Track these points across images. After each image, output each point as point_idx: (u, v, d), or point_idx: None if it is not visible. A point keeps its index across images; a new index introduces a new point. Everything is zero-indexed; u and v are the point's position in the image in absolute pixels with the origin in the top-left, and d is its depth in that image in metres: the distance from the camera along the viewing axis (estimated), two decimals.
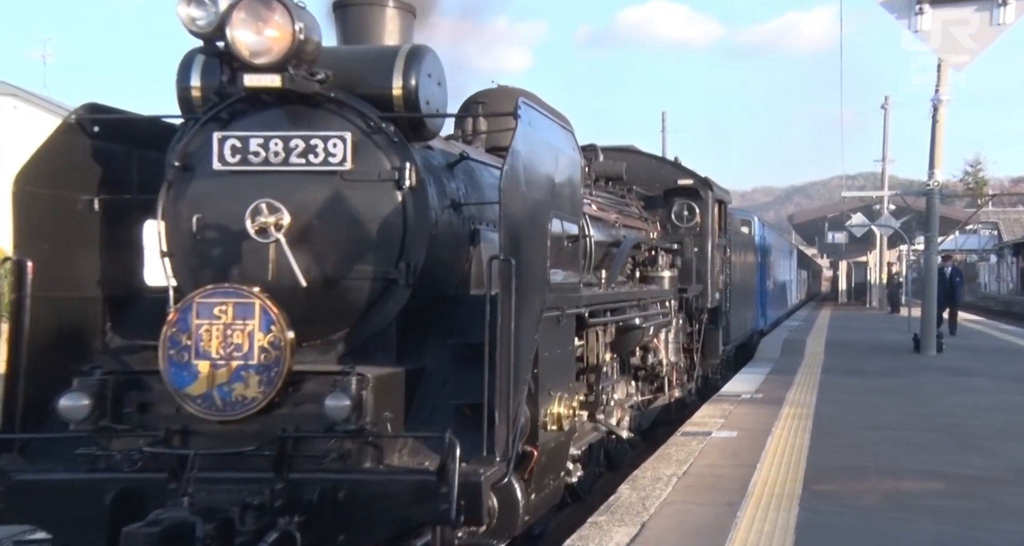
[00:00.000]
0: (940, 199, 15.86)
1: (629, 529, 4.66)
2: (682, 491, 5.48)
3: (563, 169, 4.90)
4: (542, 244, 4.43)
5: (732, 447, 6.88)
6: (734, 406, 8.96)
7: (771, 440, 7.08)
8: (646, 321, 7.14)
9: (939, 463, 6.34)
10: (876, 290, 34.77)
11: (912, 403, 9.30)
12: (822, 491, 5.46)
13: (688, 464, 6.22)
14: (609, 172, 8.99)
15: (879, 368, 12.61)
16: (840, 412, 8.55)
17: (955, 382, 11.09)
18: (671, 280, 8.68)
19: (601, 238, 7.12)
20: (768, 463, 6.25)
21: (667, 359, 8.59)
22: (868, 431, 7.56)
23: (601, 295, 6.07)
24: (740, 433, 7.43)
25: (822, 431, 7.46)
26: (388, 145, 4.42)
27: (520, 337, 3.97)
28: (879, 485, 5.65)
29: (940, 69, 14.69)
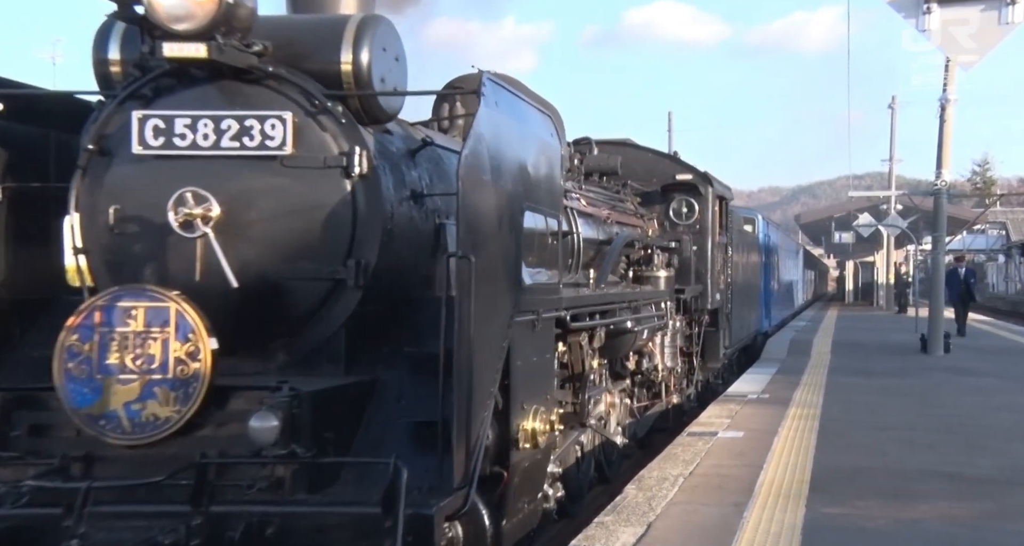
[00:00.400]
0: (948, 199, 15.63)
1: (635, 529, 4.58)
2: (688, 491, 5.39)
3: (539, 157, 4.37)
4: (512, 240, 3.93)
5: (739, 447, 6.78)
6: (740, 406, 8.83)
7: (778, 440, 6.96)
8: (639, 324, 6.67)
9: (947, 464, 6.22)
10: (883, 290, 34.73)
11: (920, 404, 9.12)
12: (829, 491, 5.38)
13: (694, 464, 6.12)
14: (603, 166, 8.57)
15: (886, 368, 12.41)
16: (847, 412, 8.40)
17: (963, 382, 10.88)
18: (667, 280, 8.23)
19: (591, 235, 6.76)
20: (775, 463, 6.14)
21: (663, 364, 8.20)
22: (875, 431, 7.42)
23: (586, 297, 5.58)
24: (747, 433, 7.31)
25: (829, 431, 7.34)
26: (335, 127, 3.86)
27: (483, 345, 3.46)
28: (887, 486, 5.55)
29: (948, 68, 14.63)
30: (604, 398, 6.62)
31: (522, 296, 4.00)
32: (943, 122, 14.76)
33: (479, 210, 3.56)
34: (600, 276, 6.55)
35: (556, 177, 4.75)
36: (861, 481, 5.71)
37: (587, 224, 6.71)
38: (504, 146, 3.87)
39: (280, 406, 3.28)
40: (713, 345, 10.52)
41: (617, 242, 7.22)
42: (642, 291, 7.38)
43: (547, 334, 4.58)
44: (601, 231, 7.15)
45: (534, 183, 4.29)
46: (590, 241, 6.70)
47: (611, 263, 6.93)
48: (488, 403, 3.61)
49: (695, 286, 9.49)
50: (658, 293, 7.87)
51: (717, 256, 10.17)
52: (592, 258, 6.73)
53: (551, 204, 4.66)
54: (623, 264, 7.97)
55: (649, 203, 9.65)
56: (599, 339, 6.09)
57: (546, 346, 4.57)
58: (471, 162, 3.45)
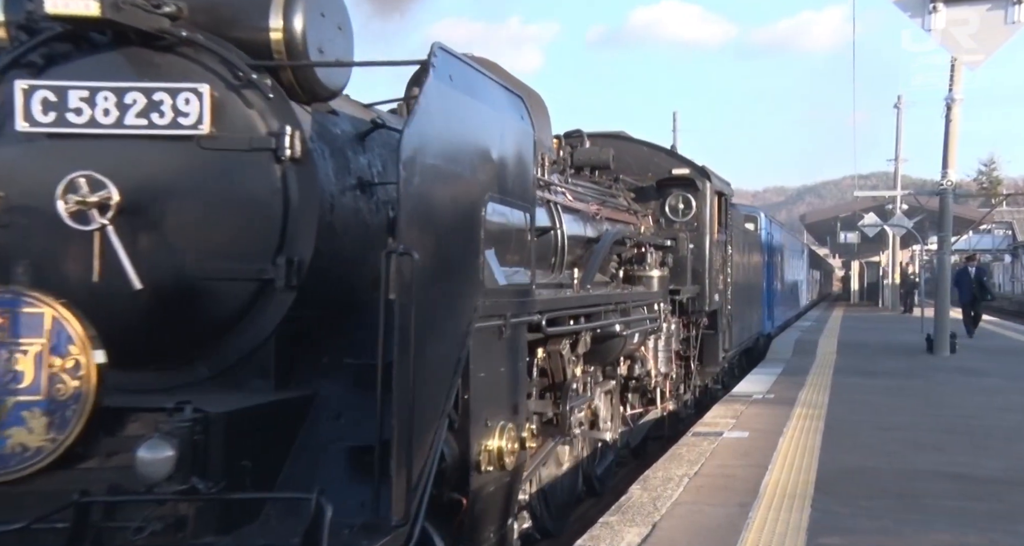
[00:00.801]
0: (954, 199, 15.56)
1: (640, 529, 4.50)
2: (693, 491, 5.31)
3: (506, 142, 3.83)
4: (470, 235, 3.41)
5: (744, 447, 6.66)
6: (746, 406, 8.68)
7: (783, 440, 6.84)
8: (628, 328, 6.18)
9: (954, 464, 6.09)
10: (889, 290, 34.64)
11: (925, 404, 8.94)
12: (835, 492, 5.29)
13: (699, 464, 6.02)
14: (594, 160, 8.10)
15: (892, 369, 12.12)
16: (853, 413, 8.23)
17: (969, 383, 10.67)
18: (661, 280, 7.73)
19: (577, 232, 6.32)
20: (780, 464, 6.03)
21: (657, 369, 7.76)
22: (881, 432, 7.27)
23: (565, 299, 5.09)
24: (752, 433, 7.18)
25: (834, 432, 7.19)
26: (263, 104, 3.29)
27: (432, 356, 2.97)
28: (892, 486, 5.44)
29: (954, 68, 14.58)
30: (593, 406, 6.22)
31: (485, 299, 3.48)
32: (949, 122, 14.63)
33: (426, 199, 3.00)
34: (586, 276, 6.05)
35: (527, 165, 4.18)
36: (867, 481, 5.59)
37: (573, 220, 6.29)
38: (460, 127, 3.33)
39: (178, 432, 2.70)
40: (712, 348, 9.97)
41: (605, 239, 6.76)
42: (633, 292, 6.86)
43: (518, 340, 4.06)
44: (589, 228, 6.72)
45: (500, 171, 3.76)
46: (576, 238, 6.29)
47: (598, 262, 6.46)
48: (439, 423, 3.08)
49: (692, 286, 8.97)
50: (650, 294, 7.36)
51: (716, 255, 9.62)
52: (579, 257, 6.32)
53: (522, 195, 4.10)
54: (614, 263, 7.56)
55: (644, 199, 9.13)
56: (584, 344, 5.63)
57: (517, 354, 4.04)
58: (415, 142, 2.92)
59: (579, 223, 6.52)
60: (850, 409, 8.56)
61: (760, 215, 17.46)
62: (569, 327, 5.23)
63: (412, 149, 2.92)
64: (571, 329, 5.27)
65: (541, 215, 5.47)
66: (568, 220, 6.15)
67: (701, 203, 9.20)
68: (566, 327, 5.16)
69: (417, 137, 2.95)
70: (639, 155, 9.42)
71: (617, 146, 8.88)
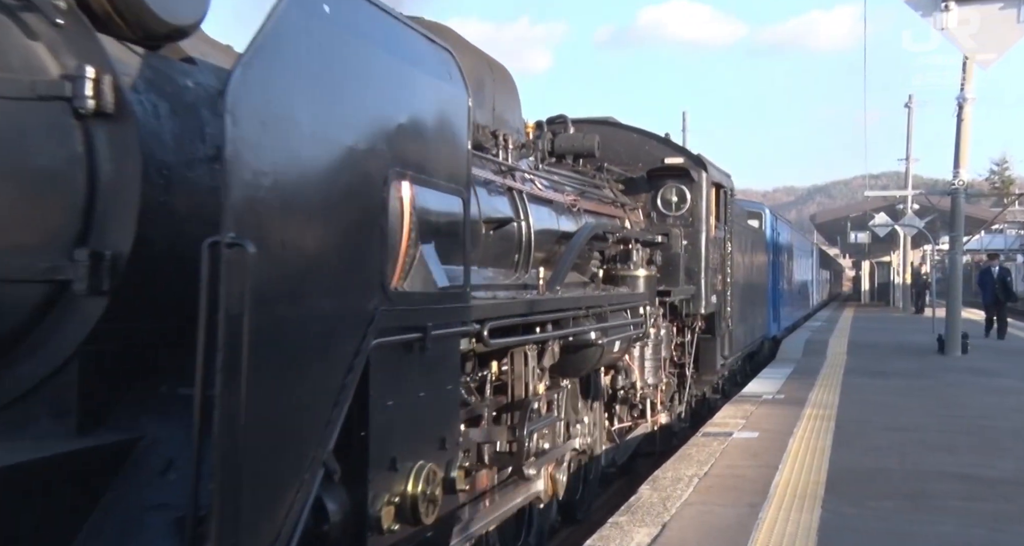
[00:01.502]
0: (966, 198, 15.50)
1: (650, 530, 4.45)
2: (703, 492, 5.25)
3: (423, 105, 2.99)
4: (362, 223, 2.54)
5: (754, 448, 6.56)
6: (756, 407, 8.53)
7: (793, 441, 6.72)
8: (606, 335, 5.42)
9: (964, 465, 5.99)
10: (900, 290, 34.47)
11: (937, 404, 8.76)
12: (845, 492, 5.22)
13: (709, 465, 5.94)
14: (577, 147, 7.49)
15: (903, 369, 11.88)
16: (863, 413, 8.08)
17: (981, 383, 10.45)
18: (647, 280, 6.92)
19: (548, 226, 5.66)
20: (790, 464, 5.93)
21: (642, 380, 7.03)
22: (892, 432, 7.14)
23: (513, 303, 4.25)
24: (762, 434, 7.07)
25: (845, 432, 7.06)
26: (53, 34, 2.35)
27: (295, 383, 2.16)
28: (903, 487, 5.35)
29: (965, 67, 14.50)
30: (561, 426, 5.51)
31: (391, 306, 2.67)
32: (960, 121, 14.45)
33: (273, 169, 2.11)
34: (555, 276, 5.30)
35: (458, 138, 3.35)
36: (878, 482, 5.50)
37: (543, 211, 5.62)
38: (339, 76, 2.44)
39: None
40: (709, 355, 9.10)
41: (580, 234, 5.98)
42: (613, 294, 6.08)
43: (447, 357, 3.27)
44: (564, 221, 6.02)
45: (414, 143, 2.89)
46: (546, 232, 5.61)
47: (571, 260, 5.68)
48: (306, 474, 2.23)
49: (685, 287, 8.16)
50: (635, 296, 6.51)
51: (713, 252, 8.73)
52: (552, 254, 5.67)
53: (452, 176, 3.26)
54: (595, 261, 6.82)
55: (634, 191, 8.31)
56: (552, 355, 4.88)
57: (445, 373, 3.24)
58: (256, 87, 2.04)
59: (551, 215, 5.83)
60: (861, 409, 8.49)
61: (765, 211, 16.49)
62: (518, 338, 4.30)
63: (249, 94, 2.01)
64: (520, 340, 4.35)
65: (501, 204, 4.97)
66: (537, 211, 5.45)
67: (696, 195, 8.35)
68: (515, 338, 4.25)
69: (260, 81, 2.06)
70: (629, 143, 8.58)
71: (604, 133, 8.18)
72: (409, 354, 2.96)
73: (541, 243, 5.51)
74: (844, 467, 5.96)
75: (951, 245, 15.50)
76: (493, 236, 4.77)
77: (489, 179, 4.84)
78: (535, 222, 5.39)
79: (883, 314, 29.95)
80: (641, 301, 6.59)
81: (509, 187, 5.19)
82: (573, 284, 6.09)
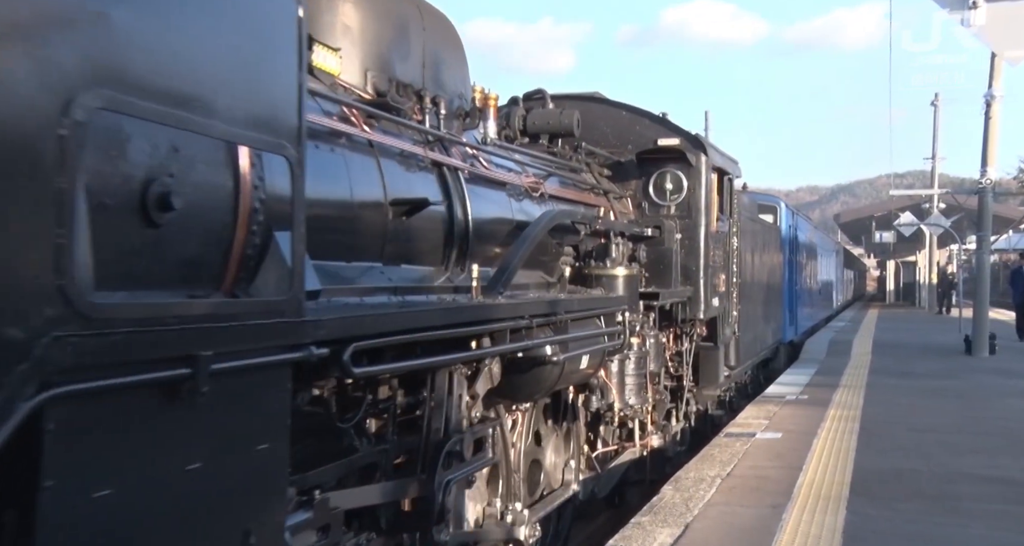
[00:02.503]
0: (993, 197, 15.34)
1: (672, 530, 4.46)
2: (726, 492, 5.26)
3: (202, 8, 2.00)
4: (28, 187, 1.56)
5: (777, 449, 6.55)
6: (779, 407, 8.50)
7: (817, 442, 6.71)
8: (567, 349, 4.45)
9: (992, 467, 5.94)
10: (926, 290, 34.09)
11: (964, 406, 8.73)
12: (870, 494, 5.20)
13: (732, 465, 5.94)
14: (554, 125, 6.60)
15: (929, 370, 11.89)
16: (888, 414, 8.06)
17: (1008, 385, 10.38)
18: (628, 280, 5.95)
19: (497, 213, 4.79)
20: (814, 465, 5.93)
21: (622, 400, 5.94)
22: (918, 433, 7.14)
23: (386, 315, 3.05)
24: (785, 435, 7.06)
25: (870, 433, 7.06)
26: None
27: None
28: (930, 489, 5.34)
29: (993, 64, 14.32)
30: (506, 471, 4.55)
31: (89, 331, 1.68)
32: (988, 119, 14.34)
33: None
34: (497, 276, 4.28)
35: (271, 63, 2.26)
36: (903, 484, 5.49)
37: (491, 196, 4.78)
38: None
39: None
40: (710, 366, 8.06)
41: (537, 224, 4.92)
42: (576, 298, 5.02)
43: (256, 401, 2.22)
44: (524, 208, 5.16)
45: (169, 63, 1.90)
46: (495, 222, 4.73)
47: (521, 255, 4.55)
48: None
49: (680, 288, 7.20)
50: (608, 300, 5.45)
51: (714, 249, 7.72)
52: (505, 247, 4.79)
53: (267, 124, 2.22)
54: (567, 258, 5.88)
55: (622, 177, 7.34)
56: (489, 378, 4.00)
57: (251, 428, 2.19)
58: None
59: (503, 201, 4.94)
60: (886, 410, 8.42)
61: (780, 205, 15.16)
62: (391, 366, 3.15)
63: None
64: (391, 368, 3.18)
65: (421, 183, 4.03)
66: (480, 195, 4.55)
67: (694, 182, 7.35)
68: (388, 366, 3.12)
69: None
70: (617, 122, 7.59)
71: (588, 110, 7.31)
72: (152, 405, 1.88)
73: (486, 234, 4.56)
74: (869, 468, 5.91)
75: (978, 244, 15.32)
76: (406, 223, 3.79)
77: (406, 151, 3.97)
78: (476, 208, 4.39)
79: (909, 314, 29.65)
80: (618, 306, 5.50)
81: (438, 163, 4.25)
82: (533, 285, 5.21)
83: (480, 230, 4.48)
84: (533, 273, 5.38)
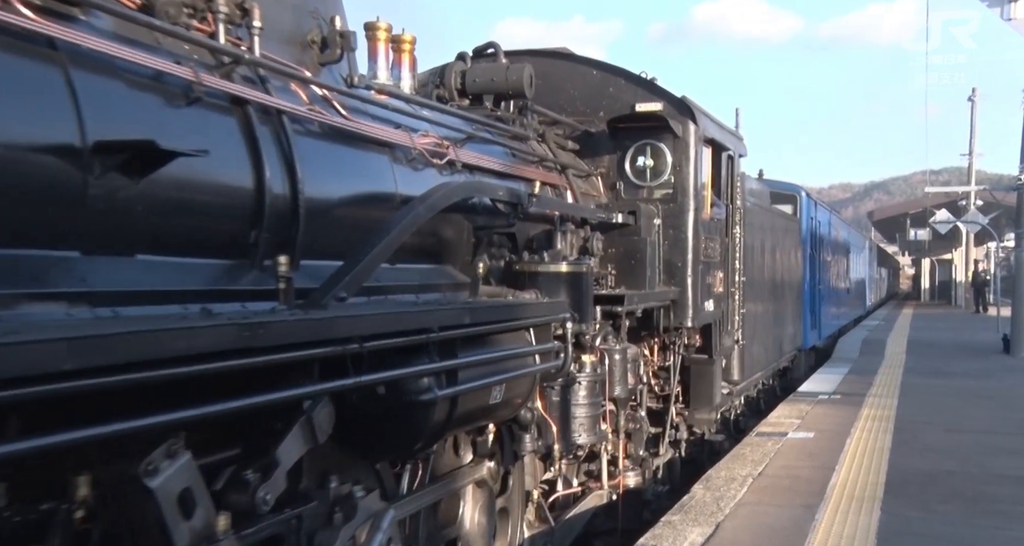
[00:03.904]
0: None
1: (703, 529, 4.43)
2: (757, 492, 5.22)
3: None
4: None
5: (809, 448, 6.48)
6: (811, 406, 8.41)
7: (850, 441, 6.65)
8: (455, 381, 3.19)
9: None
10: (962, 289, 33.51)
11: (1002, 406, 8.61)
12: (905, 495, 5.14)
13: (763, 465, 5.89)
14: (499, 83, 5.25)
15: (966, 369, 11.76)
16: (924, 414, 7.99)
17: None
18: (573, 279, 4.44)
19: (363, 186, 3.43)
20: (847, 465, 5.87)
21: (564, 442, 4.53)
22: (954, 434, 7.06)
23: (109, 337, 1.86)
24: (818, 434, 6.99)
25: (905, 433, 6.98)
26: None
27: None
28: (966, 490, 5.28)
29: None
30: None
31: None
32: None
33: None
34: (337, 276, 2.87)
35: None
36: (939, 485, 5.42)
37: (351, 159, 3.38)
38: None
39: None
40: (704, 383, 6.64)
41: (421, 202, 3.45)
42: (473, 307, 3.52)
43: None
44: (419, 180, 3.72)
45: None
46: (356, 199, 3.38)
47: (386, 243, 3.14)
48: None
49: (661, 289, 5.88)
50: (536, 307, 4.05)
51: (708, 240, 6.39)
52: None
53: None
54: (503, 251, 4.61)
55: (593, 151, 6.06)
56: (322, 425, 2.61)
57: None
58: None
59: (375, 167, 3.52)
60: (921, 410, 8.31)
61: (800, 194, 13.48)
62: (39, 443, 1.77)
63: None
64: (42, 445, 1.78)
65: (189, 125, 2.65)
66: (323, 155, 3.18)
67: (681, 158, 6.01)
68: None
69: None
70: (586, 83, 6.23)
71: (551, 68, 6.09)
72: None
73: (336, 215, 3.20)
74: (904, 469, 5.83)
75: (1017, 242, 15.07)
76: (133, 183, 2.37)
77: (153, 68, 2.52)
78: (315, 173, 3.04)
79: (944, 313, 29.22)
80: (552, 314, 4.06)
81: (238, 100, 2.82)
82: (427, 287, 3.77)
83: (321, 207, 3.07)
84: (434, 270, 3.98)
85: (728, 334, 7.21)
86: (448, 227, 4.07)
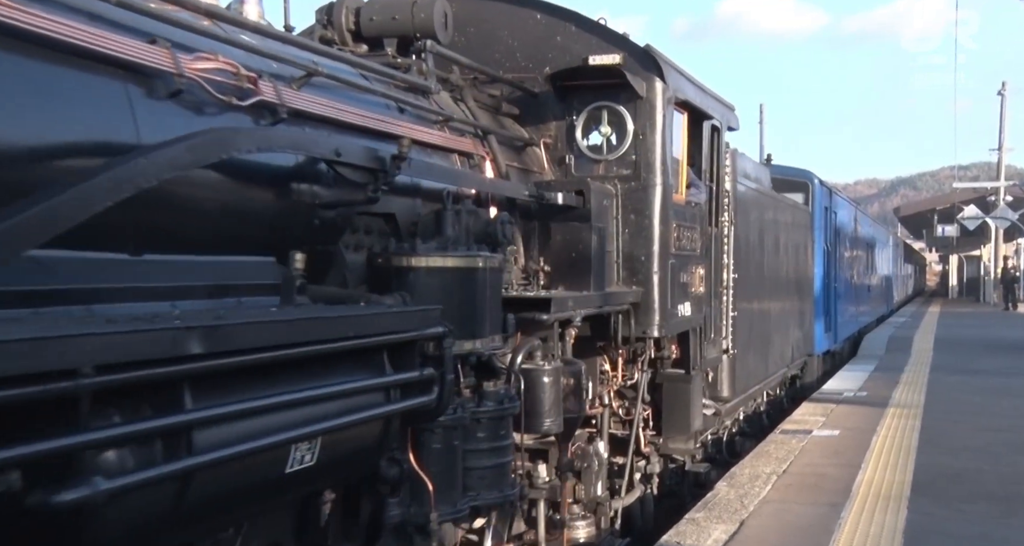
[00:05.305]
0: None
1: (727, 526, 4.43)
2: (782, 490, 5.20)
3: None
4: None
5: (834, 446, 6.47)
6: (836, 405, 8.37)
7: (876, 440, 6.62)
8: (196, 448, 1.92)
9: None
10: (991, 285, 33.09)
11: None
12: (933, 494, 5.10)
13: (788, 462, 5.88)
14: (403, 23, 4.23)
15: (995, 367, 11.64)
16: (952, 412, 7.94)
17: None
18: (464, 277, 3.26)
19: (63, 130, 2.11)
20: (874, 463, 5.84)
21: (448, 503, 3.11)
22: (983, 433, 7.00)
23: None
24: (843, 432, 6.98)
25: (932, 431, 6.94)
26: None
27: None
28: (996, 489, 5.23)
29: None
30: None
31: None
32: None
33: None
34: None
35: None
36: (968, 484, 5.38)
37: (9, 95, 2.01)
38: None
39: None
40: (679, 404, 5.42)
41: (146, 154, 2.17)
42: (237, 322, 2.15)
43: None
44: (176, 127, 2.41)
45: None
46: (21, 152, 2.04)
47: (41, 218, 1.88)
48: None
49: (612, 290, 4.71)
50: (369, 318, 2.67)
51: (681, 228, 5.19)
52: None
53: None
54: (370, 238, 3.36)
55: (537, 116, 4.94)
56: None
57: None
58: None
59: (87, 102, 2.21)
60: (949, 408, 8.23)
61: (813, 181, 11.88)
62: None
63: None
64: None
65: None
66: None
67: (645, 124, 4.83)
68: None
69: None
70: (528, 30, 5.02)
71: (482, 10, 5.02)
72: None
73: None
74: (931, 467, 5.78)
75: None
76: None
77: None
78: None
79: (973, 310, 28.89)
80: (412, 328, 2.77)
81: None
82: (177, 292, 2.43)
83: None
84: (237, 265, 2.70)
85: (713, 343, 5.96)
86: (263, 202, 2.80)
